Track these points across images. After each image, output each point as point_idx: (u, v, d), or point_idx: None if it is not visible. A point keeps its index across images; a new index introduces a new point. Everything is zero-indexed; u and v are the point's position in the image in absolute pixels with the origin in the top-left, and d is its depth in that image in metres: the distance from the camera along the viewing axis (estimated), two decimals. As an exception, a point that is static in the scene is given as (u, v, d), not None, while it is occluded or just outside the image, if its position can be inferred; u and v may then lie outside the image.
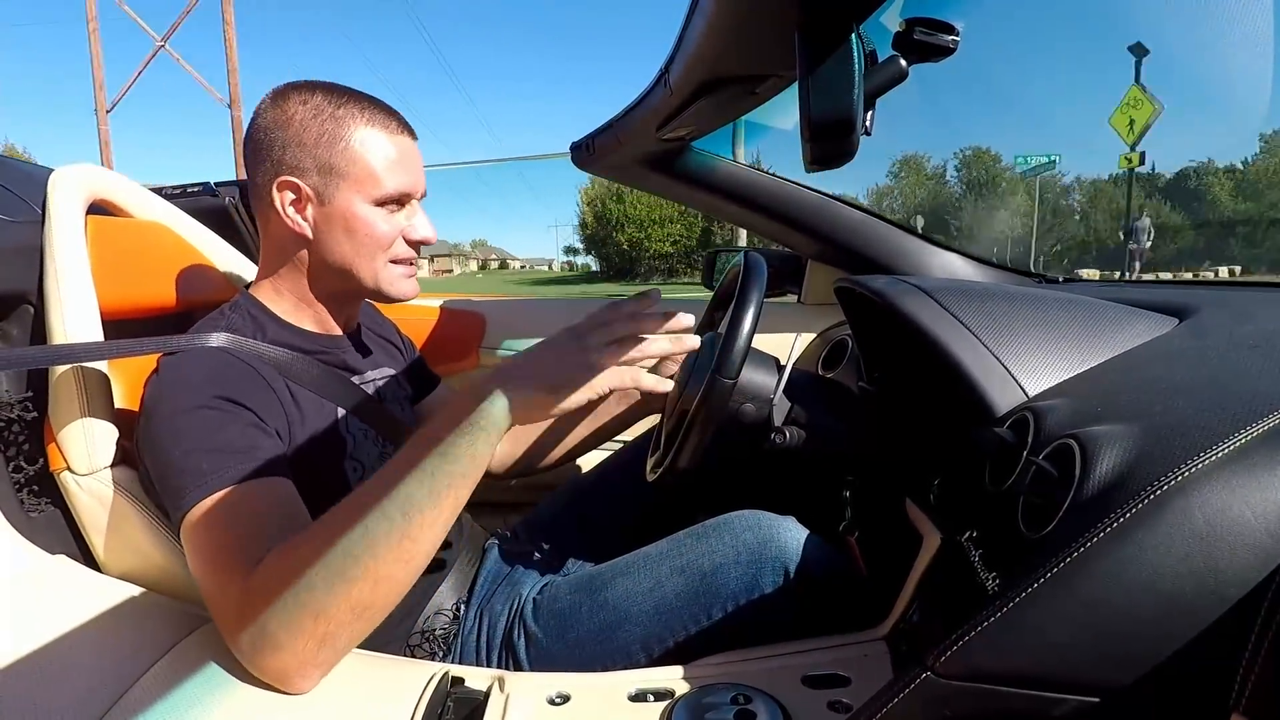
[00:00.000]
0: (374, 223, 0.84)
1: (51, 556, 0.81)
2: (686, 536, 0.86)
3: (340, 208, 0.82)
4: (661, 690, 0.68)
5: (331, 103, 0.82)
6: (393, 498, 0.61)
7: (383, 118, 0.84)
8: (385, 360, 1.03)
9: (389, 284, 0.87)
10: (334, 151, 0.81)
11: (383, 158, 0.83)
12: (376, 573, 0.60)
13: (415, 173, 0.86)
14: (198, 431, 0.70)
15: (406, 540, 0.61)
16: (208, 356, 0.77)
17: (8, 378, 0.85)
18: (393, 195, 0.84)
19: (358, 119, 0.82)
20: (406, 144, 0.86)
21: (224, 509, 0.67)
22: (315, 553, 0.60)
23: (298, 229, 0.83)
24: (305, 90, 0.82)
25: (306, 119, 0.81)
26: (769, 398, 0.91)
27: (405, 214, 0.87)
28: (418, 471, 0.62)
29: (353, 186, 0.82)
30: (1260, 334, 0.66)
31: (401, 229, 0.86)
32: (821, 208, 1.42)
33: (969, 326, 0.74)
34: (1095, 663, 0.46)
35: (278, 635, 0.60)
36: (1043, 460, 0.55)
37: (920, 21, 0.61)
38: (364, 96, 0.84)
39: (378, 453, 0.89)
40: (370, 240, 0.84)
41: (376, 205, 0.83)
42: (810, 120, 0.54)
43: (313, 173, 0.81)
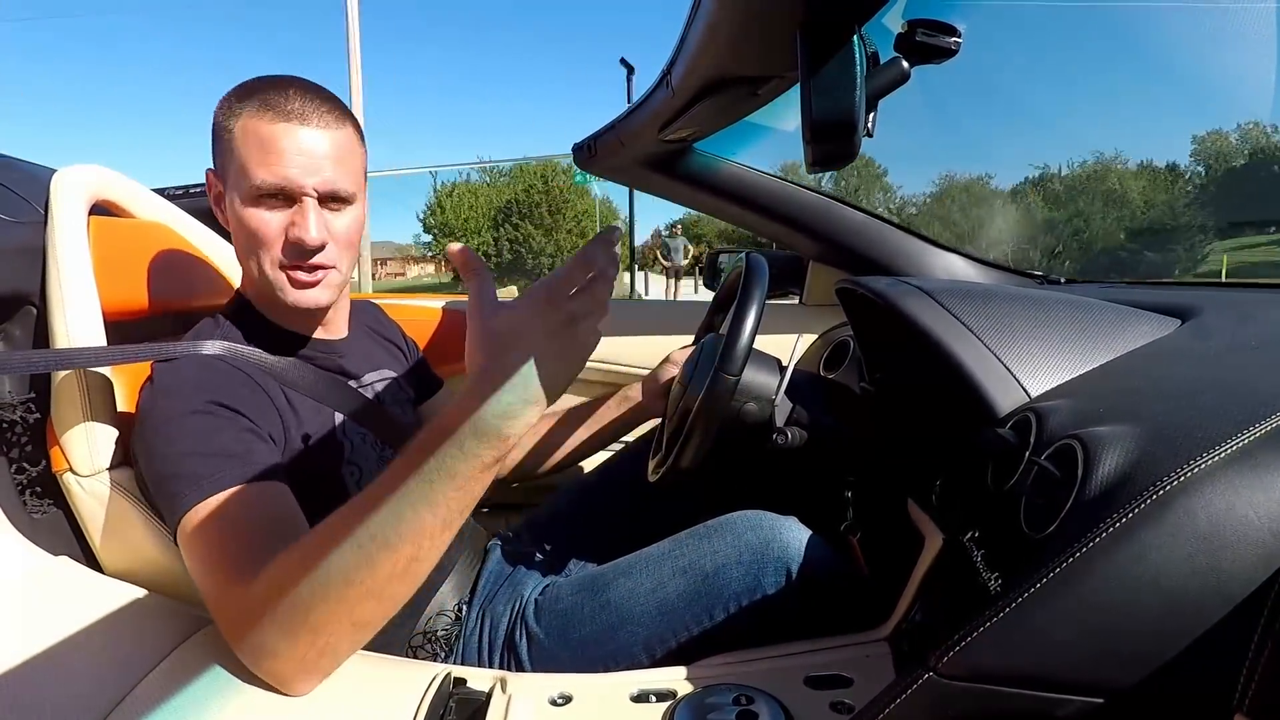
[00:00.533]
0: (246, 222, 0.78)
1: (54, 558, 0.81)
2: (688, 537, 0.86)
3: (229, 205, 0.80)
4: (663, 691, 0.68)
5: (239, 95, 0.78)
6: (394, 524, 0.57)
7: (276, 99, 0.76)
8: (386, 362, 1.02)
9: (280, 290, 0.81)
10: (224, 145, 0.79)
11: (256, 149, 0.76)
12: (374, 588, 0.58)
13: (300, 163, 0.77)
14: (192, 436, 0.70)
15: (405, 556, 0.58)
16: (200, 363, 0.76)
17: (10, 379, 0.85)
18: (264, 190, 0.76)
19: (247, 109, 0.77)
20: (294, 132, 0.76)
21: (220, 514, 0.66)
22: (313, 566, 0.58)
23: (227, 227, 0.83)
24: (238, 85, 0.80)
25: (217, 113, 0.80)
26: (771, 398, 0.91)
27: (292, 212, 0.78)
28: (425, 487, 0.57)
29: (233, 183, 0.79)
30: (1262, 335, 0.66)
31: (282, 227, 0.78)
32: (823, 209, 1.42)
33: (971, 327, 0.74)
34: (1098, 663, 0.46)
35: (277, 644, 0.60)
36: (1045, 461, 0.55)
37: (922, 23, 0.61)
38: (276, 85, 0.78)
39: (376, 456, 0.89)
40: (251, 240, 0.79)
41: (254, 202, 0.77)
42: (812, 122, 0.54)
43: (221, 169, 0.81)
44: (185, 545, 0.67)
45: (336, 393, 0.86)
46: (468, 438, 0.56)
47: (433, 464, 0.57)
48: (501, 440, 0.56)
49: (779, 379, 0.92)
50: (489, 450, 0.56)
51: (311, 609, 0.58)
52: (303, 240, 0.78)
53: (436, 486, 0.57)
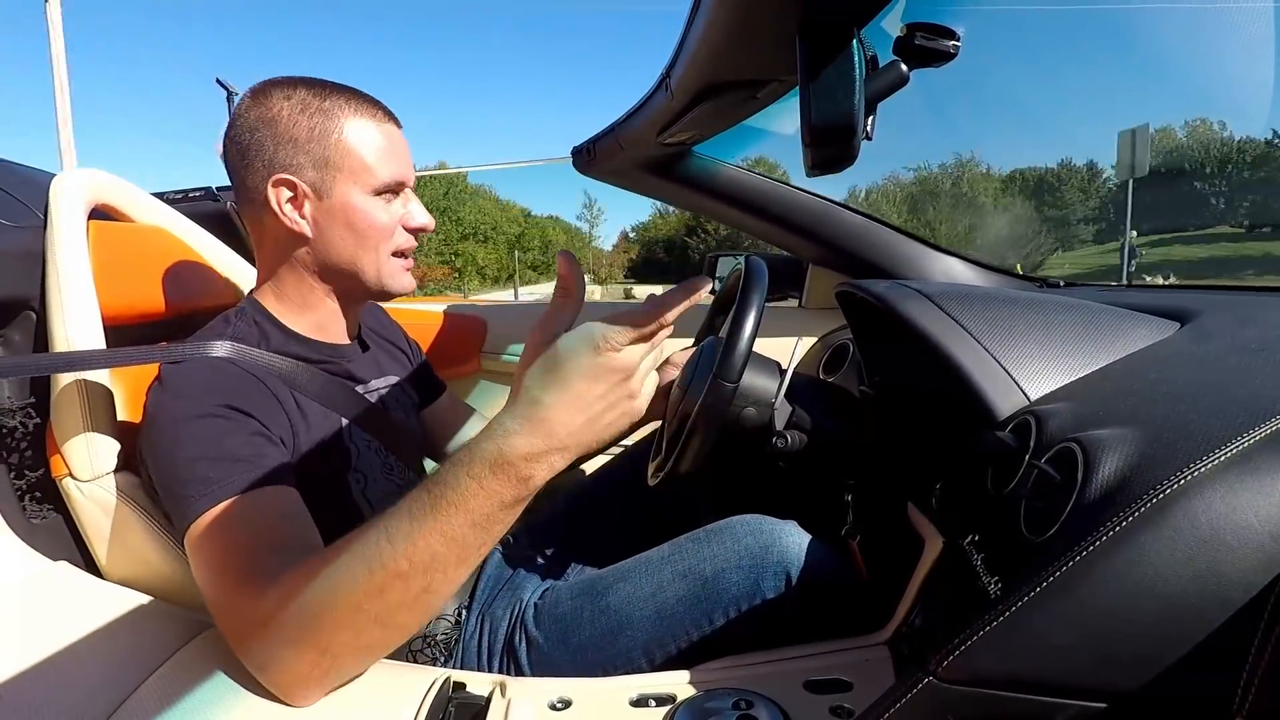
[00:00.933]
0: (374, 213, 0.83)
1: (54, 563, 0.81)
2: (688, 541, 0.86)
3: (339, 201, 0.81)
4: (663, 695, 0.67)
5: (316, 96, 0.80)
6: (406, 552, 0.56)
7: (369, 107, 0.83)
8: (391, 367, 1.02)
9: (391, 277, 0.87)
10: (327, 145, 0.80)
11: (374, 147, 0.82)
12: (383, 615, 0.58)
13: (406, 160, 0.86)
14: (202, 440, 0.70)
15: (427, 594, 0.58)
16: (210, 366, 0.76)
17: (10, 384, 0.85)
18: (388, 184, 0.83)
19: (345, 110, 0.81)
20: (394, 132, 0.85)
21: (231, 519, 0.66)
22: (324, 586, 0.58)
23: (296, 228, 0.82)
24: (286, 86, 0.81)
25: (294, 114, 0.79)
26: (770, 402, 0.91)
27: (400, 202, 0.86)
28: (437, 532, 0.56)
29: (349, 178, 0.81)
30: (1262, 338, 0.66)
31: (399, 218, 0.86)
32: (823, 212, 1.42)
33: (970, 331, 0.74)
34: (1097, 667, 0.46)
35: (283, 657, 0.60)
36: (1045, 464, 0.55)
37: (921, 26, 0.61)
38: (346, 88, 0.83)
39: (381, 463, 0.89)
40: (373, 231, 0.83)
41: (374, 195, 0.83)
42: (811, 125, 0.54)
43: (307, 168, 0.80)
44: (193, 550, 0.67)
45: (344, 398, 0.86)
46: (486, 473, 0.55)
47: (451, 496, 0.55)
48: (522, 481, 0.55)
49: (778, 382, 0.92)
50: (508, 489, 0.55)
51: (320, 628, 0.59)
52: (426, 225, 0.88)
53: (453, 520, 0.55)
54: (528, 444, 0.54)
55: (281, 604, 0.59)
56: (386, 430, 0.91)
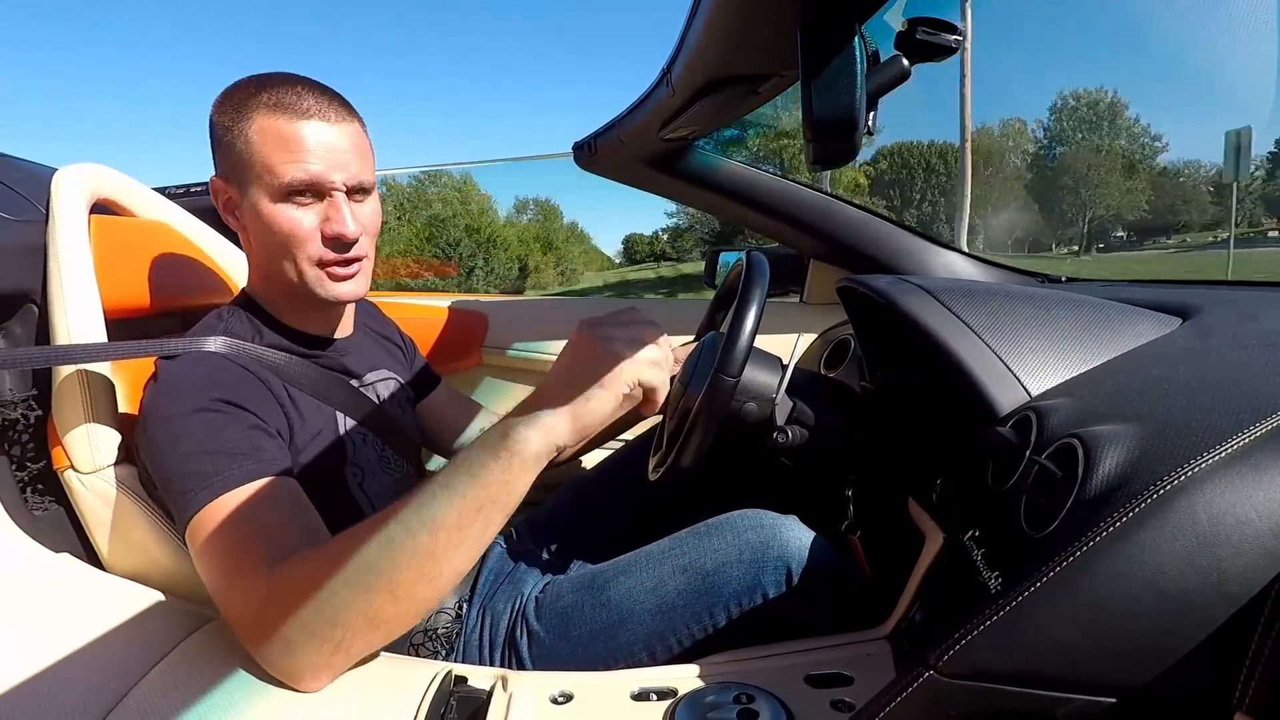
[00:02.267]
0: (278, 220, 0.78)
1: (55, 555, 0.82)
2: (689, 535, 0.86)
3: (251, 206, 0.79)
4: (664, 689, 0.68)
5: (244, 95, 0.78)
6: (420, 515, 0.60)
7: (291, 99, 0.77)
8: (385, 362, 1.02)
9: (316, 284, 0.82)
10: (238, 146, 0.77)
11: (280, 147, 0.76)
12: (397, 588, 0.59)
13: (327, 160, 0.78)
14: (199, 434, 0.70)
15: (430, 559, 0.59)
16: (205, 360, 0.76)
17: (11, 377, 0.85)
18: (294, 187, 0.77)
19: (260, 108, 0.77)
20: (314, 129, 0.77)
21: (232, 512, 0.66)
22: (338, 562, 0.59)
23: (240, 230, 0.83)
24: (235, 85, 0.80)
25: (220, 116, 0.79)
26: (771, 397, 0.91)
27: (324, 207, 0.80)
28: (447, 491, 0.60)
29: (255, 182, 0.78)
30: (1264, 333, 0.66)
31: (315, 224, 0.79)
32: (824, 207, 1.42)
33: (971, 326, 0.74)
34: (1098, 662, 0.46)
35: (293, 639, 0.60)
36: (1045, 460, 0.55)
37: (923, 21, 0.61)
38: (284, 82, 0.78)
39: (377, 457, 0.89)
40: (277, 238, 0.79)
41: (283, 200, 0.78)
42: (813, 120, 0.54)
43: (229, 173, 0.79)
44: (196, 544, 0.67)
45: (339, 392, 0.86)
46: (496, 436, 0.61)
47: (462, 459, 0.62)
48: (502, 437, 0.61)
49: (779, 378, 0.92)
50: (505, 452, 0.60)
51: (334, 606, 0.59)
52: (343, 234, 0.79)
53: (459, 476, 0.61)
54: (518, 406, 0.63)
55: (295, 587, 0.60)
56: (382, 424, 0.91)
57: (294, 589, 0.60)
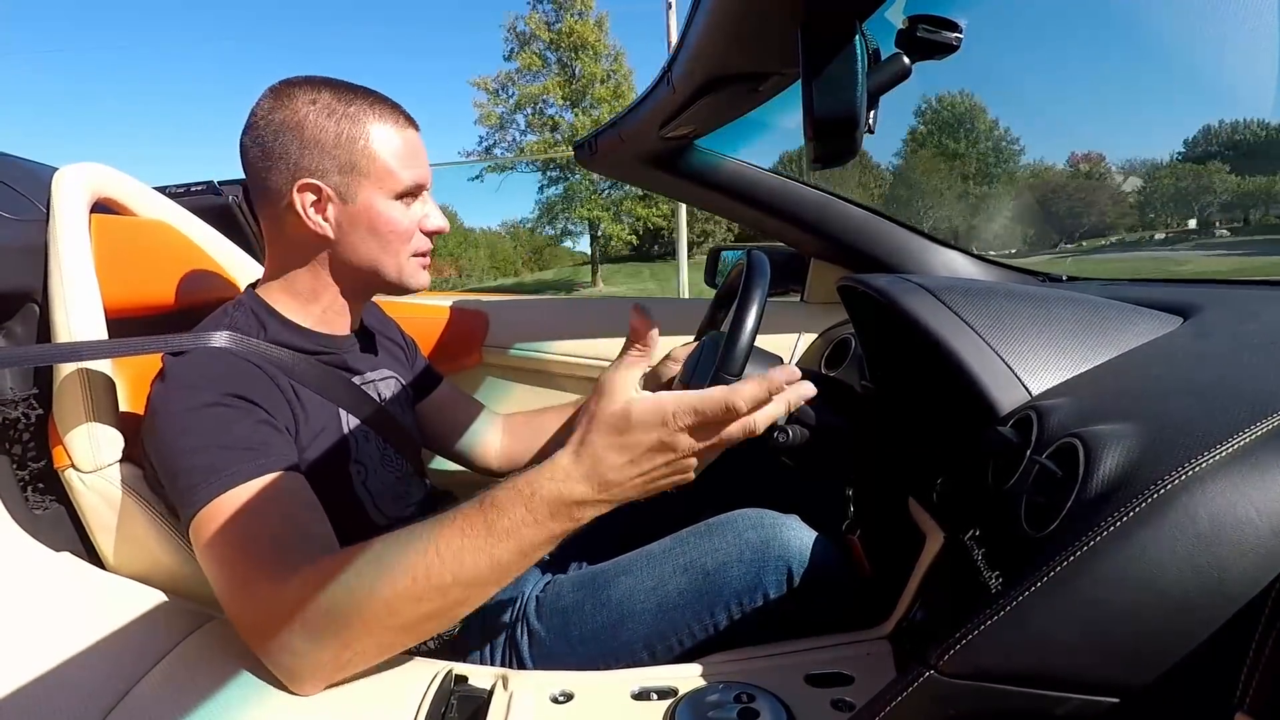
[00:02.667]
0: (396, 218, 0.85)
1: (56, 554, 0.82)
2: (689, 535, 0.86)
3: (363, 205, 0.83)
4: (664, 688, 0.68)
5: (341, 100, 0.81)
6: (453, 568, 0.59)
7: (391, 112, 0.84)
8: (387, 361, 1.02)
9: (411, 275, 0.89)
10: (353, 150, 0.81)
11: (397, 153, 0.83)
12: (411, 623, 0.62)
13: (425, 164, 0.87)
14: (208, 429, 0.70)
15: (459, 606, 0.62)
16: (213, 356, 0.77)
17: (13, 376, 0.85)
18: (409, 188, 0.85)
19: (369, 115, 0.82)
20: (414, 137, 0.86)
21: (242, 507, 0.67)
22: (358, 588, 0.60)
23: (320, 230, 0.82)
24: (310, 89, 0.81)
25: (320, 119, 0.80)
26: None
27: (419, 205, 0.88)
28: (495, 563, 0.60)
29: (374, 184, 0.82)
30: (1264, 333, 0.66)
31: (417, 220, 0.87)
32: (824, 206, 1.41)
33: (972, 325, 0.74)
34: (1098, 662, 0.46)
35: (300, 647, 0.61)
36: (1046, 459, 0.55)
37: (923, 18, 0.61)
38: (368, 91, 0.84)
39: (379, 455, 0.89)
40: (394, 235, 0.85)
41: (396, 200, 0.84)
42: (814, 118, 0.54)
43: (333, 173, 0.81)
44: (201, 538, 0.67)
45: (341, 389, 0.86)
46: (542, 509, 0.59)
47: (506, 524, 0.59)
48: (573, 521, 0.60)
49: None
50: (558, 525, 0.60)
51: (347, 626, 0.60)
52: (443, 227, 0.90)
53: (502, 544, 0.60)
54: (584, 491, 0.59)
55: (307, 595, 0.61)
56: (384, 422, 0.91)
57: (310, 603, 0.60)
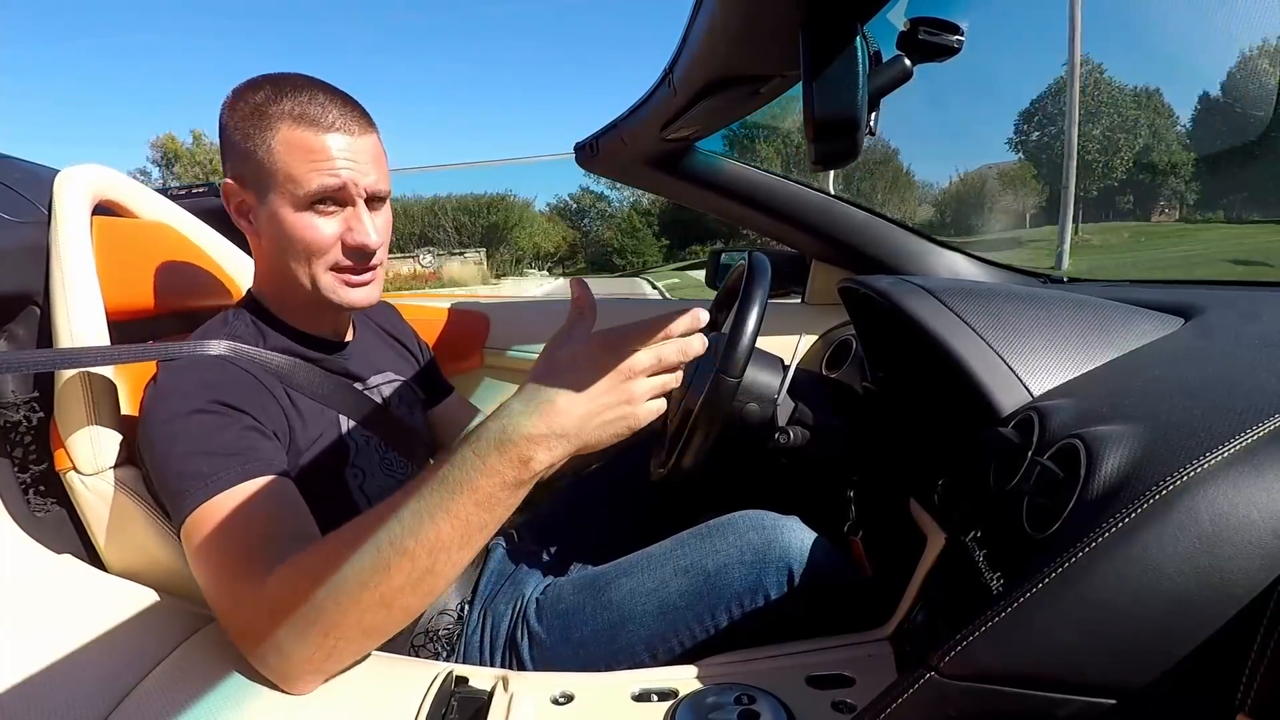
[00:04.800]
0: (300, 227, 0.79)
1: (57, 556, 0.82)
2: (690, 536, 0.86)
3: (270, 212, 0.79)
4: (665, 690, 0.68)
5: (266, 99, 0.77)
6: (415, 533, 0.58)
7: (315, 110, 0.78)
8: (394, 365, 1.02)
9: (330, 291, 0.82)
10: (259, 154, 0.77)
11: (305, 158, 0.77)
12: (387, 596, 0.59)
13: (350, 169, 0.79)
14: (195, 435, 0.70)
15: (430, 576, 0.60)
16: (204, 363, 0.77)
17: (14, 379, 0.85)
18: (317, 195, 0.78)
19: (284, 116, 0.77)
20: (339, 141, 0.78)
21: (227, 512, 0.66)
22: (328, 568, 0.59)
23: (251, 234, 0.83)
24: (246, 89, 0.79)
25: (240, 121, 0.78)
26: (773, 398, 0.91)
27: (345, 216, 0.81)
28: (445, 512, 0.58)
29: (277, 189, 0.78)
30: (1266, 334, 0.66)
31: (336, 233, 0.80)
32: (825, 208, 1.42)
33: (973, 326, 0.74)
34: (1100, 663, 0.46)
35: (285, 644, 0.61)
36: (1047, 460, 0.55)
37: (925, 21, 0.61)
38: (305, 88, 0.79)
39: (380, 460, 0.89)
40: (298, 246, 0.79)
41: (306, 209, 0.78)
42: (815, 120, 0.54)
43: (247, 177, 0.79)
44: (191, 543, 0.67)
45: (341, 394, 0.87)
46: (490, 451, 0.58)
47: (456, 474, 0.58)
48: (523, 462, 0.58)
49: (781, 378, 0.92)
50: (509, 469, 0.58)
51: (324, 611, 0.59)
52: (365, 244, 0.81)
53: (457, 498, 0.58)
54: (530, 425, 0.58)
55: (284, 590, 0.60)
56: (386, 426, 0.91)
57: (287, 598, 0.60)
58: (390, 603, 0.60)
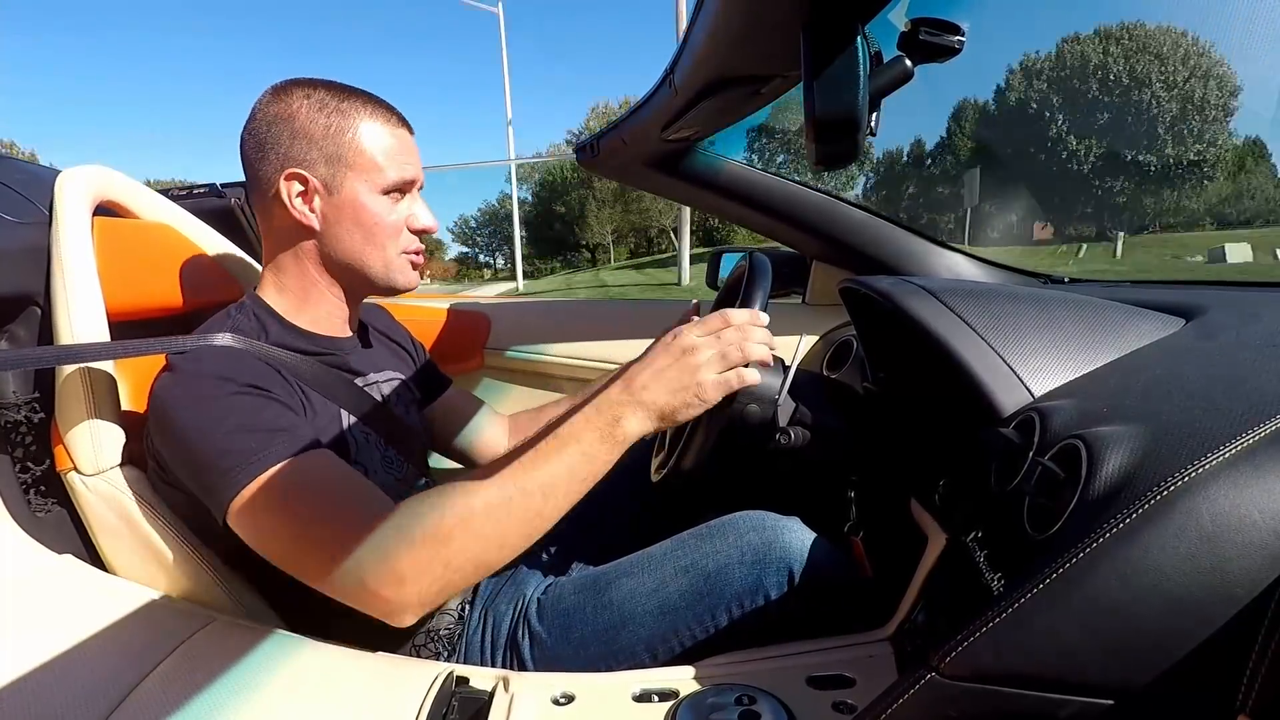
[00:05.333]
0: (381, 211, 0.86)
1: (58, 556, 0.82)
2: (691, 537, 0.86)
3: (348, 198, 0.84)
4: (666, 690, 0.68)
5: (334, 96, 0.84)
6: (538, 482, 0.69)
7: (383, 111, 0.86)
8: (392, 364, 1.03)
9: (398, 272, 0.89)
10: (340, 143, 0.83)
11: (385, 148, 0.85)
12: (504, 536, 0.68)
13: (415, 163, 0.89)
14: (239, 414, 0.72)
15: (539, 518, 0.69)
16: (225, 352, 0.78)
17: (15, 379, 0.85)
18: (396, 184, 0.86)
19: (360, 111, 0.84)
20: (405, 136, 0.88)
21: (293, 481, 0.70)
22: (453, 505, 0.67)
23: (305, 221, 0.84)
24: (307, 86, 0.84)
25: (312, 112, 0.82)
26: (774, 398, 0.91)
27: (407, 203, 0.89)
28: (564, 466, 0.69)
29: (359, 176, 0.84)
30: (1268, 334, 0.66)
31: (405, 218, 0.88)
32: (826, 208, 1.42)
33: (974, 327, 0.74)
34: (1100, 664, 0.46)
35: (405, 572, 0.66)
36: (1048, 461, 0.55)
37: (926, 22, 0.61)
38: (362, 91, 0.87)
39: (380, 456, 0.89)
40: (379, 229, 0.86)
41: (382, 195, 0.85)
42: (816, 120, 0.54)
43: (320, 164, 0.83)
44: (253, 517, 0.70)
45: (343, 390, 0.87)
46: (593, 412, 0.71)
47: (566, 430, 0.71)
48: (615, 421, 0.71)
49: (782, 379, 0.92)
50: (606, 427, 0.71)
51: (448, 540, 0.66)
52: (430, 226, 0.91)
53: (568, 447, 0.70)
54: (618, 394, 0.72)
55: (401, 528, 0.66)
56: (386, 423, 0.91)
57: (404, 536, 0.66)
58: (504, 540, 0.68)
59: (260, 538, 0.71)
